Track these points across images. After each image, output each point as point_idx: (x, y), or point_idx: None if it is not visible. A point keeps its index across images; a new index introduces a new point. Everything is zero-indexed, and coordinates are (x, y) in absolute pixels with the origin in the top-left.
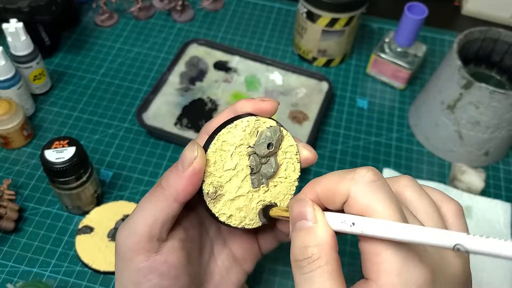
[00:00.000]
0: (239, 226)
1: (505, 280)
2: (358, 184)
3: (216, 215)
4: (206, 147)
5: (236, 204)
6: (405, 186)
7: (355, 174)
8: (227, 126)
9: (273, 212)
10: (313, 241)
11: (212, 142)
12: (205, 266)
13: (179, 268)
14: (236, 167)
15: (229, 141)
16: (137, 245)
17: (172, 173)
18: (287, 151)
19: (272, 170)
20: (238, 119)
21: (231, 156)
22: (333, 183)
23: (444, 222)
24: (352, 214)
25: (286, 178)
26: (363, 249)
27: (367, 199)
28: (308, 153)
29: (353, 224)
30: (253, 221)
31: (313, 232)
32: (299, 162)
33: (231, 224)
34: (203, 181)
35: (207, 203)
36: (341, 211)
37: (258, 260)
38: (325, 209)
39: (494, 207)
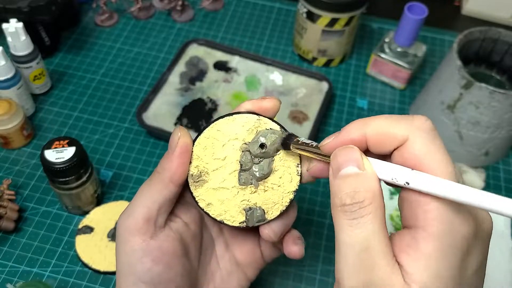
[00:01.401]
0: (218, 219)
1: (505, 282)
2: (419, 130)
3: (196, 199)
4: (200, 132)
5: (219, 195)
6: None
7: (414, 119)
8: (226, 117)
9: (295, 146)
10: (364, 186)
11: (207, 128)
12: (205, 266)
13: (173, 257)
14: (226, 159)
15: (224, 132)
16: (134, 226)
17: (164, 158)
18: (286, 159)
19: (262, 173)
20: (238, 114)
21: (222, 146)
22: (387, 126)
23: None
24: (405, 160)
25: (279, 186)
26: (408, 198)
27: (427, 148)
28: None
29: (407, 183)
30: (234, 218)
31: (363, 178)
32: (299, 175)
33: (210, 213)
34: (190, 162)
35: (190, 184)
36: (382, 157)
37: (261, 268)
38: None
39: None
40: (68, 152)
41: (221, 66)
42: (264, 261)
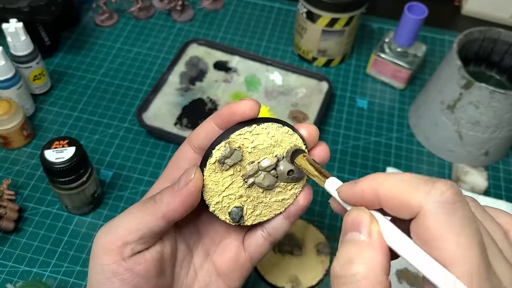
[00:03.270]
0: (210, 209)
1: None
2: (434, 202)
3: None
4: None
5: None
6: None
7: (432, 188)
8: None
9: (300, 161)
10: (362, 257)
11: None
12: (181, 279)
13: (145, 279)
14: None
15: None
16: (109, 245)
17: (167, 190)
18: (293, 185)
19: (267, 185)
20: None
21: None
22: (402, 192)
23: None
24: (418, 236)
25: (281, 200)
26: None
27: (442, 226)
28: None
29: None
30: (225, 215)
31: (364, 248)
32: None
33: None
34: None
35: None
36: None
37: (247, 276)
38: (383, 212)
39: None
40: (68, 152)
41: (221, 66)
42: (251, 263)
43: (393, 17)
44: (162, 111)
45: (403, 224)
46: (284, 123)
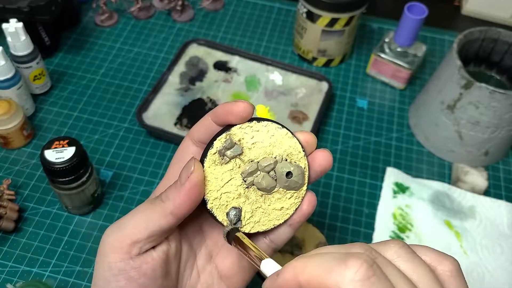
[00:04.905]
0: (208, 206)
1: (507, 282)
2: (350, 282)
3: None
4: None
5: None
6: (396, 256)
7: (346, 267)
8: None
9: (238, 238)
10: None
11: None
12: (185, 280)
13: (151, 278)
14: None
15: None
16: (118, 243)
17: (172, 187)
18: (290, 198)
19: (264, 186)
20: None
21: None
22: (320, 277)
23: (443, 286)
24: None
25: (281, 209)
26: None
27: None
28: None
29: None
30: (223, 216)
31: None
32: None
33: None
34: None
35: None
36: None
37: (249, 279)
38: None
39: (498, 208)
40: (68, 152)
41: (221, 66)
42: (254, 268)
43: (393, 17)
44: (162, 111)
45: None
46: (282, 125)
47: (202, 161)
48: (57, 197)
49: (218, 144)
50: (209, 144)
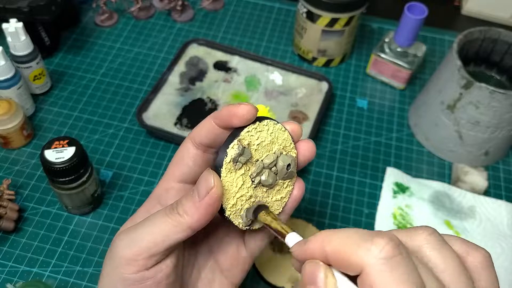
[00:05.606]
0: (226, 214)
1: (508, 282)
2: (374, 259)
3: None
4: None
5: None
6: (425, 243)
7: (372, 244)
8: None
9: (262, 217)
10: None
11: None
12: (187, 278)
13: (164, 285)
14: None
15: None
16: (134, 257)
17: (188, 201)
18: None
19: (270, 182)
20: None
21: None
22: (346, 249)
23: (472, 277)
24: None
25: (280, 199)
26: None
27: (383, 282)
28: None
29: None
30: (238, 220)
31: None
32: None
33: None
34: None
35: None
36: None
37: (247, 270)
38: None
39: (498, 208)
40: (68, 152)
41: (221, 66)
42: (251, 259)
43: (393, 17)
44: (162, 111)
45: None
46: (276, 121)
47: (218, 171)
48: (57, 197)
49: (232, 152)
50: (222, 153)
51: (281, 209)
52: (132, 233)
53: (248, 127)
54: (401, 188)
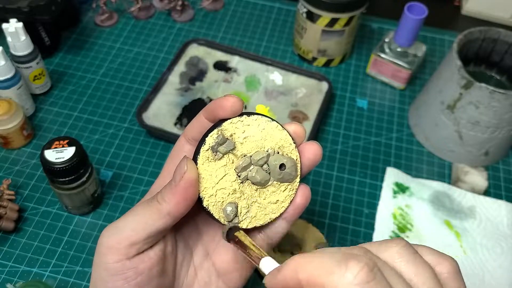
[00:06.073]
0: (204, 204)
1: (507, 282)
2: (349, 285)
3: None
4: (195, 159)
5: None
6: (398, 256)
7: (346, 270)
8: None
9: (238, 236)
10: None
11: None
12: (182, 278)
13: (148, 277)
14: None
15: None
16: (115, 244)
17: (167, 188)
18: (283, 191)
19: (259, 179)
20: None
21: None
22: (320, 277)
23: (442, 286)
24: None
25: (276, 202)
26: None
27: None
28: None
29: None
30: (219, 214)
31: None
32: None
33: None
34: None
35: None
36: None
37: (247, 277)
38: None
39: (498, 208)
40: (68, 152)
41: (221, 66)
42: (251, 265)
43: (393, 17)
44: (162, 111)
45: None
46: (272, 119)
47: (195, 158)
48: (57, 197)
49: (210, 140)
50: (201, 141)
51: (278, 214)
52: (116, 223)
53: (232, 119)
54: (401, 188)
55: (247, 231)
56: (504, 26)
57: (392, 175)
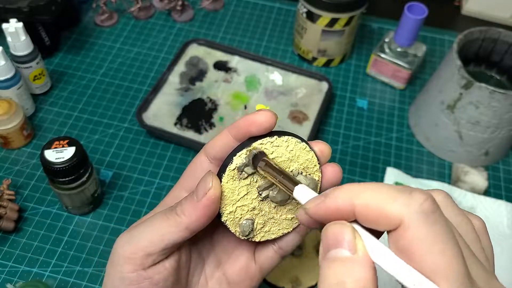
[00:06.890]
0: (222, 219)
1: (508, 282)
2: (416, 213)
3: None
4: (220, 177)
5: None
6: (444, 206)
7: (411, 198)
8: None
9: (262, 168)
10: (353, 275)
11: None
12: (193, 286)
13: (162, 287)
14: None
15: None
16: (131, 255)
17: (188, 202)
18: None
19: (279, 200)
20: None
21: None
22: (380, 202)
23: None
24: (399, 249)
25: (291, 219)
26: None
27: (425, 239)
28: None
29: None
30: (235, 228)
31: (352, 265)
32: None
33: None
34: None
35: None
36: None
37: (256, 286)
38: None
39: (498, 208)
40: (68, 152)
41: (221, 66)
42: (261, 274)
43: (393, 17)
44: (162, 111)
45: (376, 236)
46: (302, 139)
47: (220, 176)
48: (57, 197)
49: (238, 160)
50: (228, 159)
51: (291, 229)
52: (132, 232)
53: (263, 139)
54: None
55: (260, 243)
56: (504, 26)
57: (392, 175)
